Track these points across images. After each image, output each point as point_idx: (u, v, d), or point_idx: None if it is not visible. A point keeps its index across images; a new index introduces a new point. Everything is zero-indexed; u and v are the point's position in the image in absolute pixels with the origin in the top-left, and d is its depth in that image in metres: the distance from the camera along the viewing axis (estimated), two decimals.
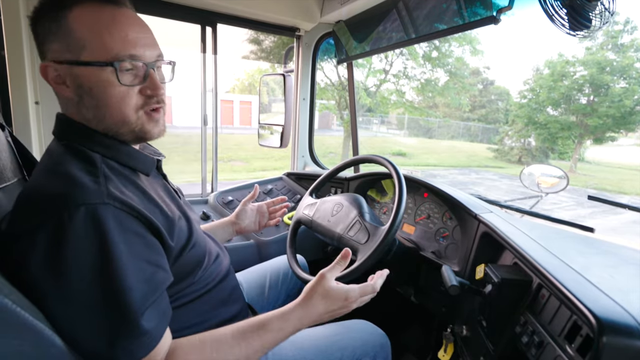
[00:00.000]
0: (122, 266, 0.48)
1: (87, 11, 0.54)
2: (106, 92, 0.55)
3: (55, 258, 0.46)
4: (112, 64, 0.54)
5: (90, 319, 0.47)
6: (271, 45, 7.50)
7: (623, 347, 0.52)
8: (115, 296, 0.48)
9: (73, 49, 0.54)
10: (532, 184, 1.53)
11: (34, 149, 1.20)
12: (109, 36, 0.54)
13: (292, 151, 1.95)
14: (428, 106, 13.76)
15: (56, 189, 0.49)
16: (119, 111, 0.57)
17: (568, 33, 0.85)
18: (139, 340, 0.49)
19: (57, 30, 0.54)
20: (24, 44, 1.13)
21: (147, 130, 0.61)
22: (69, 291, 0.46)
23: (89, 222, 0.47)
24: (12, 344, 0.39)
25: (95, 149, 0.57)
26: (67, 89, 0.56)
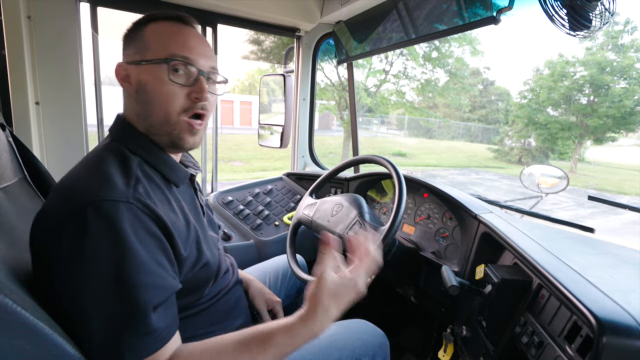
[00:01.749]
0: (137, 263, 0.50)
1: (160, 25, 0.64)
2: (157, 88, 0.61)
3: (75, 248, 0.48)
4: (166, 61, 0.60)
5: (100, 311, 0.48)
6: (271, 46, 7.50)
7: (623, 348, 0.52)
8: (128, 291, 0.49)
9: (141, 51, 0.62)
10: (532, 184, 1.53)
11: (35, 149, 1.20)
12: (170, 40, 0.62)
13: (292, 151, 1.95)
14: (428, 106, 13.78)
15: (88, 184, 0.53)
16: (164, 109, 0.62)
17: (568, 33, 0.85)
18: (146, 338, 0.50)
19: (134, 38, 0.64)
20: (24, 44, 1.13)
21: (183, 137, 0.64)
22: (84, 282, 0.48)
23: (110, 217, 0.50)
24: (12, 343, 0.39)
25: (137, 151, 0.62)
26: (130, 86, 0.63)
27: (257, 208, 1.58)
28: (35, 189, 0.81)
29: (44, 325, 0.42)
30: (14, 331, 0.40)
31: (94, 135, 1.35)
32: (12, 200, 0.65)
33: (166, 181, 0.65)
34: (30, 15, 1.14)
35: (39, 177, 0.84)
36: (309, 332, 0.57)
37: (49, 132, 1.24)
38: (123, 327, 0.49)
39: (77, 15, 1.23)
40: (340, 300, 0.58)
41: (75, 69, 1.25)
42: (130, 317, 0.49)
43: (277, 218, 1.58)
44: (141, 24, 0.64)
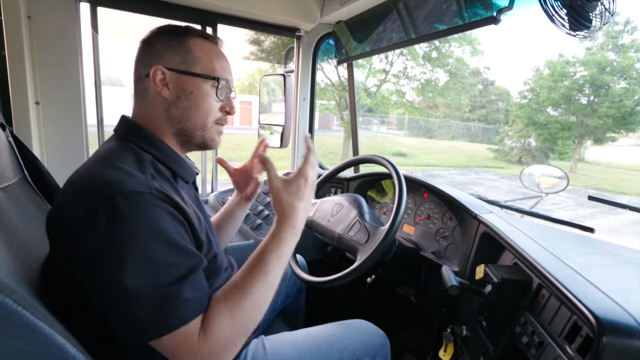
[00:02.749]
0: (171, 241, 0.54)
1: (203, 42, 0.71)
2: (203, 99, 0.69)
3: (111, 233, 0.51)
4: (217, 79, 0.70)
5: (143, 289, 0.51)
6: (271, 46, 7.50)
7: (623, 347, 0.52)
8: (166, 266, 0.53)
9: (188, 63, 0.68)
10: (532, 184, 1.53)
11: (35, 149, 1.20)
12: (217, 62, 0.71)
13: (292, 151, 1.95)
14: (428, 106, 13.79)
15: (112, 176, 0.55)
16: (204, 117, 0.70)
17: (568, 33, 0.85)
18: (185, 304, 0.53)
19: (178, 47, 0.68)
20: (24, 44, 1.13)
21: (214, 139, 0.74)
22: (124, 264, 0.50)
23: (139, 203, 0.53)
24: (13, 343, 0.39)
25: (149, 150, 0.66)
26: (167, 90, 0.67)
27: (257, 208, 1.58)
28: (36, 188, 0.81)
29: (44, 325, 0.42)
30: (15, 331, 0.40)
31: (94, 135, 1.35)
32: (12, 200, 0.65)
33: (176, 179, 0.70)
34: (30, 15, 1.14)
35: (39, 177, 0.84)
36: (289, 230, 0.69)
37: (49, 132, 1.24)
38: (165, 299, 0.52)
39: (77, 15, 1.23)
40: (297, 193, 0.72)
41: (75, 68, 1.25)
42: (171, 288, 0.53)
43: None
44: (182, 34, 0.70)
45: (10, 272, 0.48)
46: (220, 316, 0.57)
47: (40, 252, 0.64)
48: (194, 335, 0.54)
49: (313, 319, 1.19)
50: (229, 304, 0.59)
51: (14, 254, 0.54)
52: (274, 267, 0.64)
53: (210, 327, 0.56)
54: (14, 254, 0.54)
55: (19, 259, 0.54)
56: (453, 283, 0.78)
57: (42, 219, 0.71)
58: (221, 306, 0.58)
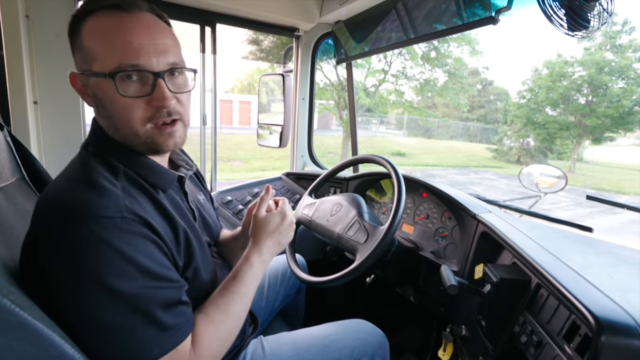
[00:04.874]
0: (142, 270, 0.50)
1: (96, 22, 0.54)
2: (112, 103, 0.55)
3: (79, 266, 0.47)
4: (112, 76, 0.52)
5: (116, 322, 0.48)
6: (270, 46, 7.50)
7: (621, 347, 0.52)
8: (139, 297, 0.50)
9: (87, 60, 0.55)
10: (530, 184, 1.53)
11: (33, 149, 1.19)
12: (112, 46, 0.52)
13: (291, 151, 1.95)
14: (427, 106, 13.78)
15: (79, 199, 0.50)
16: (127, 123, 0.56)
17: (566, 33, 0.86)
18: (166, 334, 0.52)
19: (76, 42, 0.56)
20: (22, 43, 1.13)
21: (159, 143, 0.58)
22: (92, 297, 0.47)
23: (109, 232, 0.48)
24: (11, 344, 0.39)
25: (119, 160, 0.58)
26: (88, 98, 0.58)
27: None
28: (34, 188, 0.81)
29: (42, 326, 0.41)
30: (13, 332, 0.40)
31: None
32: (10, 200, 0.65)
33: (153, 187, 0.62)
34: (29, 15, 1.14)
35: (37, 177, 0.83)
36: (257, 256, 0.72)
37: (47, 132, 1.23)
38: (139, 334, 0.50)
39: None
40: (273, 227, 0.75)
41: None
42: (146, 322, 0.50)
43: None
44: (79, 20, 0.55)
45: (8, 272, 0.48)
46: (208, 337, 0.59)
47: None
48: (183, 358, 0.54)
49: (312, 319, 1.19)
50: (214, 324, 0.61)
51: (11, 254, 0.54)
52: (247, 288, 0.68)
53: (200, 348, 0.57)
54: (12, 254, 0.54)
55: (17, 259, 0.54)
56: (452, 282, 0.78)
57: None
58: (209, 327, 0.60)
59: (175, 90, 0.58)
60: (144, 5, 0.57)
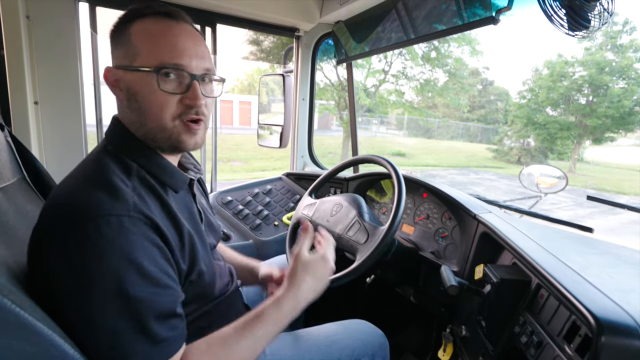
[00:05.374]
0: (142, 275, 0.50)
1: (146, 23, 0.59)
2: (148, 97, 0.59)
3: (79, 263, 0.48)
4: (156, 70, 0.57)
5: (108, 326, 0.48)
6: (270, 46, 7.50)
7: (622, 347, 0.52)
8: (135, 303, 0.49)
9: (129, 56, 0.59)
10: (531, 184, 1.53)
11: (33, 149, 1.20)
12: (159, 45, 0.58)
13: (292, 151, 1.95)
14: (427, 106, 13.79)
15: (88, 196, 0.51)
16: (158, 117, 0.59)
17: (567, 33, 0.86)
18: (156, 347, 0.51)
19: (120, 39, 0.60)
20: (23, 43, 1.13)
21: (183, 140, 0.62)
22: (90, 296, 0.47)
23: (113, 232, 0.49)
24: (11, 344, 0.39)
25: (134, 158, 0.60)
26: (120, 92, 0.61)
27: (256, 208, 1.58)
28: (35, 189, 0.81)
29: (42, 326, 0.42)
30: (13, 332, 0.40)
31: (93, 135, 1.34)
32: (11, 201, 0.65)
33: (164, 187, 0.63)
34: (29, 15, 1.14)
35: (38, 177, 0.83)
36: (293, 303, 0.66)
37: (47, 132, 1.24)
38: (132, 340, 0.49)
39: (76, 15, 1.23)
40: (315, 272, 0.71)
41: (74, 68, 1.25)
42: (139, 329, 0.49)
43: (277, 218, 1.58)
44: (127, 22, 0.60)
45: (9, 272, 0.48)
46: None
47: None
48: None
49: (312, 319, 1.19)
50: (211, 356, 0.57)
51: (12, 254, 0.54)
52: (266, 332, 0.62)
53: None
54: (13, 254, 0.54)
55: (17, 259, 0.54)
56: (452, 283, 0.78)
57: None
58: (203, 357, 0.56)
59: (205, 94, 0.62)
60: (187, 19, 0.63)
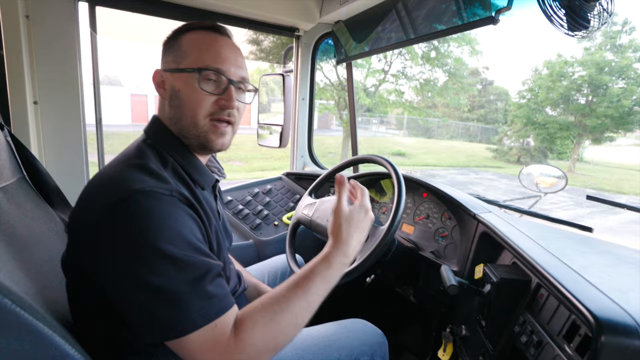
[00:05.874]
0: (189, 242, 0.55)
1: (196, 35, 0.68)
2: (188, 94, 0.65)
3: (132, 231, 0.51)
4: (199, 71, 0.64)
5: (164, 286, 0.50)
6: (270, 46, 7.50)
7: (621, 347, 0.52)
8: (186, 263, 0.52)
9: (178, 60, 0.67)
10: (530, 184, 1.53)
11: (33, 148, 1.19)
12: (205, 51, 0.66)
13: (291, 151, 1.95)
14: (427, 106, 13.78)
15: (132, 176, 0.56)
16: (193, 113, 0.66)
17: (567, 33, 0.86)
18: (209, 302, 0.53)
19: (172, 47, 0.68)
20: (22, 43, 1.13)
21: (210, 139, 0.68)
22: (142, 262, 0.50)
23: (160, 203, 0.54)
24: (11, 343, 0.39)
25: (171, 153, 0.66)
26: (164, 91, 0.68)
27: (256, 208, 1.58)
28: (34, 188, 0.81)
29: (42, 326, 0.42)
30: (13, 331, 0.40)
31: (93, 135, 1.34)
32: (11, 200, 0.65)
33: (194, 183, 0.68)
34: (29, 15, 1.14)
35: (37, 177, 0.83)
36: (341, 256, 0.67)
37: (47, 132, 1.24)
38: (187, 296, 0.51)
39: (75, 14, 1.23)
40: (359, 224, 0.71)
41: (74, 68, 1.25)
42: (193, 285, 0.52)
43: (277, 218, 1.58)
44: (180, 33, 0.69)
45: (9, 272, 0.48)
46: (254, 325, 0.56)
47: (39, 252, 0.63)
48: (222, 338, 0.53)
49: (312, 319, 1.19)
50: (265, 314, 0.57)
51: (12, 253, 0.54)
52: (317, 289, 0.62)
53: (242, 333, 0.54)
54: (13, 253, 0.54)
55: (17, 259, 0.54)
56: (452, 282, 0.78)
57: (41, 218, 0.71)
58: (257, 315, 0.57)
59: (238, 99, 0.69)
60: (231, 35, 0.72)
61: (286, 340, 0.59)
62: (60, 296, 0.61)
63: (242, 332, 0.54)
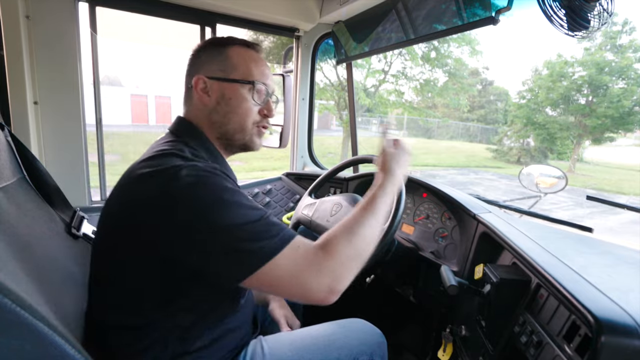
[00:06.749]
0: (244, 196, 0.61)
1: (241, 49, 0.76)
2: (240, 103, 0.74)
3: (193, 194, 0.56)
4: (253, 83, 0.74)
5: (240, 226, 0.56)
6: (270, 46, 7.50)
7: (621, 347, 0.52)
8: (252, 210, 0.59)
9: (226, 70, 0.74)
10: (530, 184, 1.53)
11: (33, 149, 1.20)
12: (254, 67, 0.75)
13: (291, 151, 1.95)
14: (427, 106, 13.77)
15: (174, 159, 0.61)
16: (242, 120, 0.75)
17: (567, 34, 0.86)
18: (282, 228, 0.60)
19: (218, 56, 0.75)
20: (22, 44, 1.13)
21: (254, 141, 0.79)
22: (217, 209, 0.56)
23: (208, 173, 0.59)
24: (11, 343, 0.39)
25: (200, 150, 0.72)
26: (208, 97, 0.74)
27: None
28: (35, 188, 0.81)
29: (43, 325, 0.42)
30: (13, 331, 0.40)
31: (93, 135, 1.34)
32: (11, 200, 0.65)
33: None
34: (29, 15, 1.14)
35: (37, 177, 0.83)
36: (393, 182, 0.81)
37: (47, 132, 1.24)
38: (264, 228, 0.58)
39: (75, 14, 1.23)
40: (400, 161, 0.88)
41: (74, 68, 1.25)
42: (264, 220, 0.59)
43: (277, 218, 1.58)
44: (225, 45, 0.75)
45: (9, 272, 0.48)
46: (340, 238, 0.65)
47: (39, 252, 0.63)
48: (309, 252, 0.60)
49: (311, 319, 1.19)
50: (347, 230, 0.67)
51: (12, 253, 0.54)
52: (381, 209, 0.74)
53: (330, 246, 0.63)
54: (13, 253, 0.54)
55: (17, 259, 0.54)
56: (452, 283, 0.78)
57: (41, 218, 0.71)
58: (341, 231, 0.66)
59: None
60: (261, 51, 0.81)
61: (366, 254, 0.68)
62: (61, 296, 0.61)
63: (328, 244, 0.63)
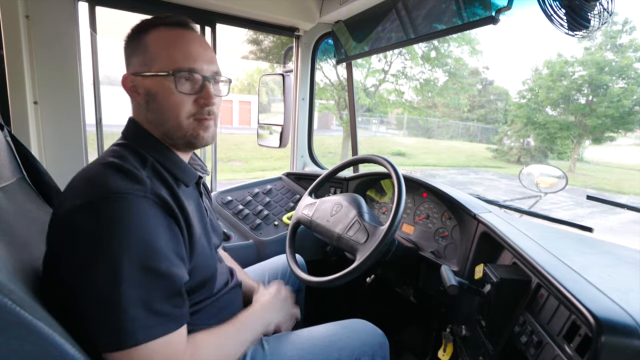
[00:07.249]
0: (152, 251, 0.54)
1: (161, 33, 0.65)
2: (167, 98, 0.64)
3: (98, 234, 0.51)
4: (173, 74, 0.63)
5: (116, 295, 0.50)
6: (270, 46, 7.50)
7: (621, 347, 0.52)
8: (141, 275, 0.52)
9: (147, 62, 0.64)
10: (531, 184, 1.53)
11: (33, 149, 1.19)
12: (174, 51, 0.64)
13: (292, 151, 1.95)
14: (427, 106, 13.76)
15: (108, 177, 0.56)
16: (175, 116, 0.65)
17: (567, 33, 0.86)
18: (157, 319, 0.54)
19: (138, 47, 0.66)
20: (22, 43, 1.13)
21: (198, 134, 0.68)
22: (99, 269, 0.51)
23: (132, 207, 0.53)
24: (12, 343, 0.39)
25: (150, 152, 0.65)
26: (138, 95, 0.67)
27: (256, 208, 1.58)
28: (34, 188, 0.81)
29: (43, 325, 0.42)
30: (13, 331, 0.40)
31: (93, 135, 1.34)
32: (11, 200, 0.65)
33: (176, 181, 0.67)
34: (29, 15, 1.14)
35: (37, 177, 0.83)
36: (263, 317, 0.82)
37: (47, 132, 1.24)
38: (143, 309, 0.52)
39: (75, 14, 1.23)
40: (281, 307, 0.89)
41: (74, 68, 1.25)
42: (144, 302, 0.52)
43: (277, 218, 1.58)
44: (141, 32, 0.66)
45: (9, 272, 0.48)
46: (208, 346, 0.64)
47: (39, 252, 0.63)
48: (176, 352, 0.57)
49: (312, 319, 1.19)
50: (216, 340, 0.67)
51: (12, 253, 0.54)
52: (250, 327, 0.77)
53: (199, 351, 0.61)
54: (13, 253, 0.54)
55: (17, 258, 0.54)
56: (452, 283, 0.78)
57: (41, 218, 0.71)
58: (210, 337, 0.66)
59: (215, 94, 0.68)
60: (195, 27, 0.70)
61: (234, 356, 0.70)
62: None
63: (198, 351, 0.61)
